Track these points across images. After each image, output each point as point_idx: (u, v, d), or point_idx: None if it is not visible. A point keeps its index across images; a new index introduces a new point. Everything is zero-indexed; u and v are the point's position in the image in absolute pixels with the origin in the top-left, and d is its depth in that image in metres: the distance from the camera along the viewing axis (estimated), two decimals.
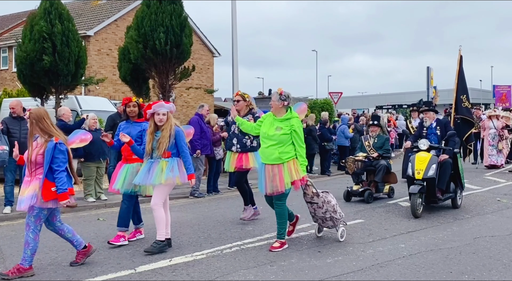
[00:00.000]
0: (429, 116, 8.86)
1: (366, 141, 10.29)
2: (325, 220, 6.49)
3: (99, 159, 9.62)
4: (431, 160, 8.01)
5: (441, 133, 8.63)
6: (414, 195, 7.82)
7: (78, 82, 14.39)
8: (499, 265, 5.47)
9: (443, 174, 8.24)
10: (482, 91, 59.68)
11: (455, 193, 8.63)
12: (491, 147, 15.16)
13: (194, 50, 18.18)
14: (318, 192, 6.40)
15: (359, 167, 9.82)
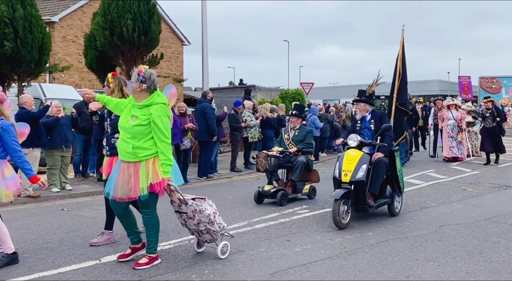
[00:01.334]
0: (360, 108, 7.54)
1: (286, 134, 8.90)
2: (201, 233, 5.27)
3: (62, 146, 9.34)
4: (361, 159, 6.75)
5: (375, 128, 7.27)
6: (336, 201, 6.50)
7: (42, 69, 13.92)
8: (463, 252, 5.56)
9: (376, 176, 6.92)
10: (449, 83, 60.93)
11: (391, 198, 7.35)
12: (451, 138, 14.54)
13: (163, 38, 17.89)
14: (185, 199, 5.07)
15: (272, 164, 8.41)
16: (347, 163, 6.76)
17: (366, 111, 7.47)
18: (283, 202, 8.18)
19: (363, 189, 6.75)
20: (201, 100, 11.91)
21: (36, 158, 8.90)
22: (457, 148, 14.47)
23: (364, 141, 7.07)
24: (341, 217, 6.56)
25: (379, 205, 7.15)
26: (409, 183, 10.41)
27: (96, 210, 7.93)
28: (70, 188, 9.54)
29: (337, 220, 6.51)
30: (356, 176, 6.66)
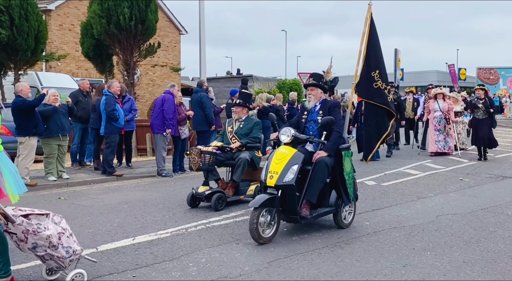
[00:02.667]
0: (315, 94, 6.18)
1: (229, 126, 7.67)
2: (43, 258, 4.14)
3: (58, 135, 9.30)
4: (293, 159, 5.50)
5: None
6: (255, 210, 5.29)
7: (38, 58, 13.86)
8: (460, 241, 5.58)
9: (315, 180, 5.66)
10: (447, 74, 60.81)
11: (336, 207, 5.97)
12: (437, 132, 13.39)
13: (160, 27, 17.79)
14: (11, 217, 3.85)
15: (207, 161, 7.16)
16: (275, 162, 5.49)
17: (319, 99, 6.19)
18: (219, 207, 7.03)
19: (292, 195, 5.45)
20: (197, 90, 11.87)
21: (33, 146, 8.87)
22: (444, 142, 13.42)
23: (299, 136, 5.82)
24: (261, 229, 5.34)
25: (319, 215, 5.85)
26: (406, 173, 10.44)
27: (93, 199, 7.92)
28: (67, 177, 9.52)
29: (254, 233, 5.26)
30: (283, 179, 5.37)
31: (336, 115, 5.93)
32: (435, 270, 4.64)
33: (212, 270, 4.60)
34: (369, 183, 9.32)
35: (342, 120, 6.12)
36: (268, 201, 5.36)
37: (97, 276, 4.43)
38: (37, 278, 4.44)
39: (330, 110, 6.01)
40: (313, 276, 4.47)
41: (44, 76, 14.90)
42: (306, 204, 5.68)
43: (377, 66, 8.26)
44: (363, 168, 11.10)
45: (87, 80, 11.48)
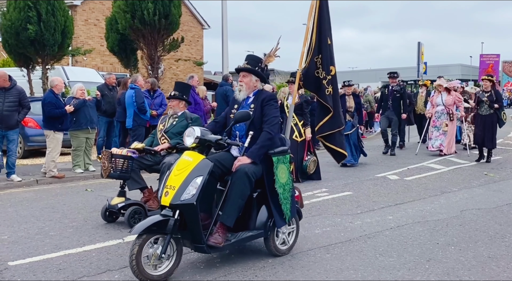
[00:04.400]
0: (248, 82, 4.87)
1: (162, 124, 6.41)
2: None
3: (87, 127, 9.48)
4: (196, 169, 4.20)
5: (254, 115, 4.71)
6: (138, 239, 3.99)
7: (64, 52, 14.15)
8: (485, 237, 5.53)
9: (231, 196, 4.44)
10: (472, 68, 59.79)
11: (266, 230, 4.65)
12: (434, 128, 12.31)
13: (183, 22, 17.91)
14: None
15: (121, 167, 5.88)
16: (174, 174, 4.24)
17: (253, 89, 4.90)
18: (133, 222, 5.64)
19: (193, 218, 4.13)
20: (222, 83, 11.96)
21: (59, 140, 9.05)
22: (434, 139, 12.27)
23: (206, 137, 4.49)
24: (149, 265, 4.05)
25: (239, 242, 4.54)
26: (429, 168, 10.35)
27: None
28: (94, 169, 9.71)
29: (135, 270, 3.96)
30: (181, 197, 4.09)
31: (269, 111, 4.70)
32: (460, 265, 4.62)
33: (236, 261, 4.67)
34: (392, 177, 9.28)
35: (277, 118, 4.73)
36: (157, 226, 4.05)
37: (123, 266, 4.52)
38: (114, 256, 4.57)
39: (263, 104, 4.73)
40: (336, 269, 4.50)
41: (70, 71, 15.19)
42: (220, 227, 4.38)
43: (320, 50, 6.92)
44: (385, 163, 11.07)
45: (114, 74, 11.66)
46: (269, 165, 4.63)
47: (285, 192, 4.70)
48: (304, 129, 9.01)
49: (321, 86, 6.96)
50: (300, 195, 5.32)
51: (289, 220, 4.81)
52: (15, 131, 8.69)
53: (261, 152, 4.57)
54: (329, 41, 6.95)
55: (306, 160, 8.96)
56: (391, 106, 12.70)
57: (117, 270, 4.44)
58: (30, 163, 10.95)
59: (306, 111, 9.16)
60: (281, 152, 4.73)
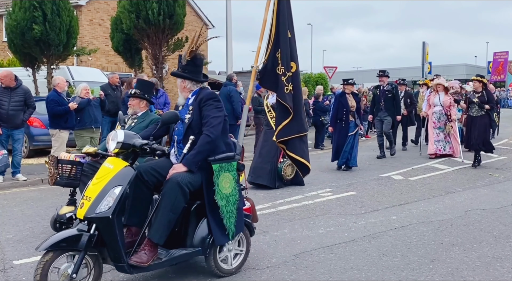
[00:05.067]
0: (179, 85, 4.40)
1: (121, 125, 5.76)
2: None
3: (92, 127, 9.50)
4: (115, 178, 3.78)
5: (192, 118, 4.21)
6: (44, 256, 3.57)
7: (70, 52, 14.19)
8: (489, 237, 5.52)
9: (160, 209, 3.92)
10: (477, 67, 59.60)
11: (205, 247, 4.09)
12: (437, 130, 11.69)
13: (187, 22, 17.90)
14: None
15: (68, 174, 5.33)
16: (93, 183, 3.81)
17: (189, 91, 4.36)
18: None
19: (110, 234, 3.66)
20: (226, 83, 11.98)
21: (64, 139, 9.08)
22: (444, 142, 11.68)
23: (130, 142, 3.96)
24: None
25: (171, 261, 3.98)
26: (434, 168, 10.32)
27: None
28: None
29: None
30: (96, 209, 3.64)
31: (208, 112, 4.13)
32: (464, 265, 4.62)
33: None
34: (396, 177, 9.26)
35: (219, 118, 4.14)
36: (68, 242, 3.58)
37: None
38: None
39: (200, 105, 4.19)
40: (339, 269, 4.51)
41: (75, 71, 15.22)
42: (148, 244, 3.90)
43: (278, 44, 6.31)
44: (390, 163, 11.05)
45: (117, 74, 11.69)
46: (209, 174, 4.08)
47: (228, 204, 4.15)
48: None
49: (280, 83, 6.22)
50: (253, 207, 4.77)
51: (233, 236, 4.21)
52: (20, 130, 8.74)
53: (198, 158, 4.01)
54: (290, 34, 6.24)
55: (281, 162, 8.27)
56: (383, 107, 11.96)
57: None
58: (35, 162, 11.00)
59: None
60: (225, 158, 4.16)
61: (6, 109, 8.37)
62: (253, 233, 4.60)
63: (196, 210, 4.13)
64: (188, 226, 4.13)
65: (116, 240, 3.66)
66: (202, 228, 4.12)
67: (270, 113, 8.32)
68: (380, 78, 12.24)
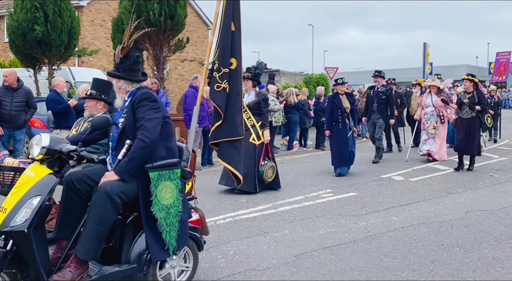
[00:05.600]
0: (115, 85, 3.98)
1: (76, 128, 5.38)
2: None
3: None
4: (35, 187, 3.42)
5: (126, 123, 3.80)
6: None
7: (71, 53, 14.22)
8: (490, 238, 5.52)
9: (87, 222, 3.56)
10: (478, 68, 59.56)
11: (140, 264, 3.65)
12: (424, 131, 11.26)
13: (188, 23, 17.93)
14: None
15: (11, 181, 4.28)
16: (11, 193, 3.45)
17: (125, 92, 3.93)
18: None
19: (27, 249, 3.32)
20: None
21: None
22: (422, 143, 11.23)
23: (56, 147, 3.63)
24: None
25: (104, 277, 3.47)
26: (434, 169, 10.32)
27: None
28: None
29: None
30: (11, 222, 3.30)
31: (142, 114, 3.70)
32: (464, 267, 4.62)
33: (240, 262, 4.69)
34: (397, 178, 9.27)
35: (155, 120, 3.70)
36: None
37: None
38: None
39: (134, 107, 3.75)
40: (340, 270, 4.51)
41: (76, 71, 15.27)
42: (74, 261, 3.55)
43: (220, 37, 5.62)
44: (390, 163, 11.05)
45: None
46: (146, 182, 3.66)
47: (169, 216, 3.70)
48: (262, 131, 8.08)
49: (212, 79, 5.45)
50: (203, 219, 4.33)
51: (174, 251, 3.77)
52: (21, 131, 8.78)
53: (130, 166, 3.59)
54: (233, 28, 5.53)
55: (262, 165, 7.97)
56: (376, 109, 11.45)
57: None
58: None
59: (265, 110, 8.25)
60: (166, 165, 3.71)
61: (8, 110, 8.41)
62: (202, 247, 4.15)
63: (133, 222, 3.70)
64: (123, 240, 3.68)
65: (33, 256, 3.28)
66: (139, 242, 3.68)
67: (246, 113, 7.98)
68: (375, 79, 11.79)
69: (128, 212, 3.71)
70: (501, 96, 27.03)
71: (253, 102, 8.10)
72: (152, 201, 3.65)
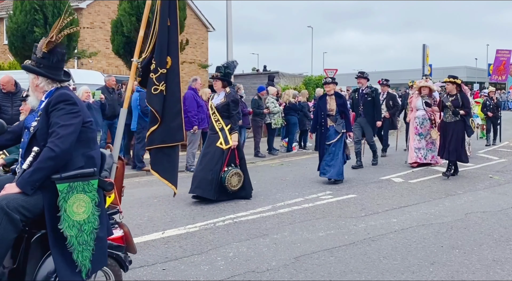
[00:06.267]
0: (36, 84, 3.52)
1: None
2: None
3: None
4: None
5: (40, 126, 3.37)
6: None
7: (70, 55, 14.26)
8: (489, 240, 5.52)
9: None
10: (477, 70, 59.62)
11: None
12: (419, 136, 10.65)
13: (188, 25, 17.98)
14: None
15: None
16: None
17: (42, 91, 3.50)
18: None
19: None
20: None
21: None
22: (426, 150, 10.66)
23: None
24: None
25: None
26: (434, 170, 10.31)
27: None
28: None
29: None
30: None
31: (57, 118, 3.28)
32: (464, 268, 4.62)
33: (239, 264, 4.68)
34: (397, 180, 9.26)
35: (69, 127, 3.26)
36: None
37: None
38: None
39: (48, 110, 3.32)
40: (340, 272, 4.50)
41: (76, 73, 15.22)
42: None
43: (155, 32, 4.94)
44: (390, 165, 11.06)
45: (113, 76, 11.66)
46: (54, 195, 3.18)
47: (82, 233, 3.23)
48: (231, 135, 7.42)
49: (149, 82, 4.91)
50: (128, 235, 3.78)
51: (89, 273, 3.28)
52: None
53: (35, 178, 3.13)
54: (169, 22, 4.99)
55: (224, 171, 7.31)
56: (362, 112, 10.82)
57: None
58: None
59: (234, 113, 7.57)
60: (78, 175, 3.23)
61: (10, 115, 8.41)
62: (127, 268, 3.66)
63: (41, 241, 3.21)
64: (26, 261, 3.20)
65: None
66: (46, 264, 3.23)
67: (214, 116, 7.58)
68: (358, 80, 11.10)
69: (36, 229, 3.23)
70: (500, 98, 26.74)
71: (222, 104, 7.54)
72: (61, 216, 3.15)
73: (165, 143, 4.91)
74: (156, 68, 4.84)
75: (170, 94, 4.98)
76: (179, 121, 4.97)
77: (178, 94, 5.06)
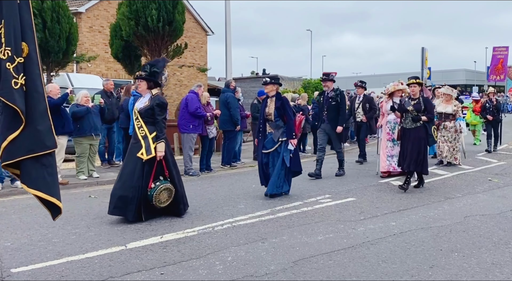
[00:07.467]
0: None
1: None
2: None
3: (91, 134, 9.53)
4: None
5: None
6: None
7: (69, 59, 14.27)
8: (488, 243, 5.50)
9: None
10: (476, 73, 59.72)
11: None
12: (391, 142, 9.83)
13: (187, 28, 17.99)
14: None
15: None
16: None
17: None
18: None
19: None
20: (224, 90, 11.99)
21: (62, 145, 9.07)
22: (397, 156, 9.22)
23: None
24: None
25: None
26: (433, 173, 10.30)
27: None
28: (97, 176, 9.74)
29: None
30: None
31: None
32: (463, 272, 4.60)
33: (238, 269, 4.67)
34: (396, 183, 9.25)
35: None
36: None
37: (125, 273, 4.54)
38: (117, 263, 4.58)
39: None
40: (338, 276, 4.49)
41: (75, 77, 15.29)
42: None
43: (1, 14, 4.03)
44: None
45: (111, 80, 11.67)
46: None
47: None
48: (155, 145, 6.39)
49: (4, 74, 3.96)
50: None
51: None
52: None
53: None
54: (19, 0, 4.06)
55: (152, 187, 6.32)
56: (326, 117, 9.93)
57: (119, 277, 4.44)
58: None
59: (160, 119, 6.49)
60: None
61: None
62: None
63: None
64: None
65: None
66: None
67: (137, 122, 6.54)
68: (324, 83, 10.27)
69: None
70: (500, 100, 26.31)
71: (145, 108, 6.50)
72: None
73: (33, 152, 3.98)
74: (12, 57, 3.95)
75: (33, 89, 4.06)
76: (48, 123, 4.06)
77: (42, 89, 4.09)
